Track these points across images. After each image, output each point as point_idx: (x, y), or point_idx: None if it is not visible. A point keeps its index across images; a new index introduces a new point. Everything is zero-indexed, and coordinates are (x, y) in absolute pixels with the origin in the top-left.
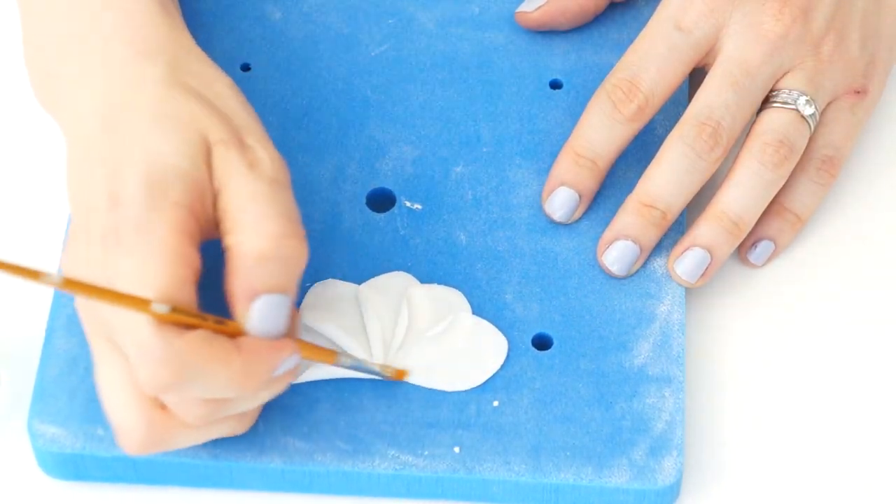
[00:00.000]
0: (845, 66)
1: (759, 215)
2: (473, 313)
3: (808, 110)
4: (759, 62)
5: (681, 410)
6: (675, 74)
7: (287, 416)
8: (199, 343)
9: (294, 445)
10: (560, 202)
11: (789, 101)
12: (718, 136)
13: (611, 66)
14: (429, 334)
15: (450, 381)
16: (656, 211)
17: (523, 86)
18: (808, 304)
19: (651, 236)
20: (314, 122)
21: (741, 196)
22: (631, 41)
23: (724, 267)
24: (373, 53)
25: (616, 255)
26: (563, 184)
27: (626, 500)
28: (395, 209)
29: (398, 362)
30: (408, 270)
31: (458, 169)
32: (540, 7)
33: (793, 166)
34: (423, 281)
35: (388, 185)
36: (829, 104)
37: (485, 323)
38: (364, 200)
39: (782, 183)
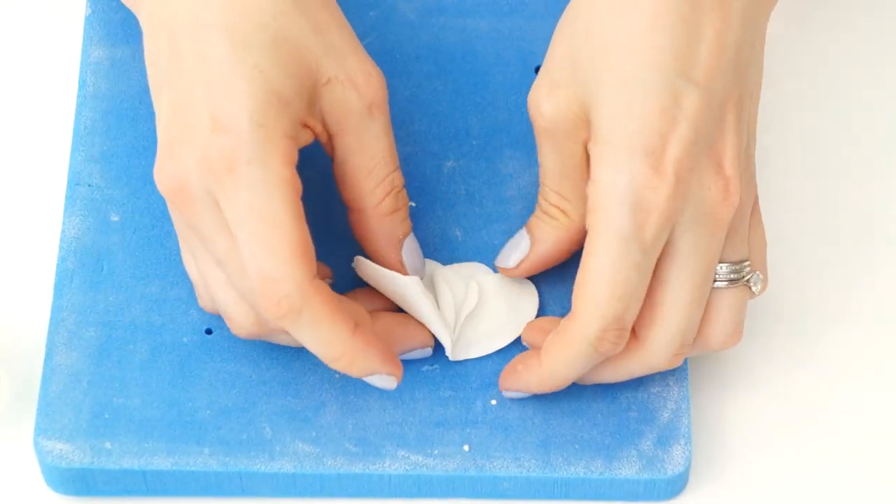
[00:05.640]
0: (751, 194)
1: None
2: None
3: (757, 287)
4: (714, 257)
5: (686, 399)
6: (646, 290)
7: (295, 420)
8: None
9: (303, 450)
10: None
11: (738, 278)
12: (686, 352)
13: None
14: (465, 313)
15: (498, 340)
16: None
17: (509, 73)
18: (811, 292)
19: None
20: None
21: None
22: None
23: None
24: None
25: None
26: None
27: (636, 490)
28: None
29: (460, 347)
30: None
31: (450, 164)
32: (521, 263)
33: None
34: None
35: None
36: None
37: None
38: None
39: None
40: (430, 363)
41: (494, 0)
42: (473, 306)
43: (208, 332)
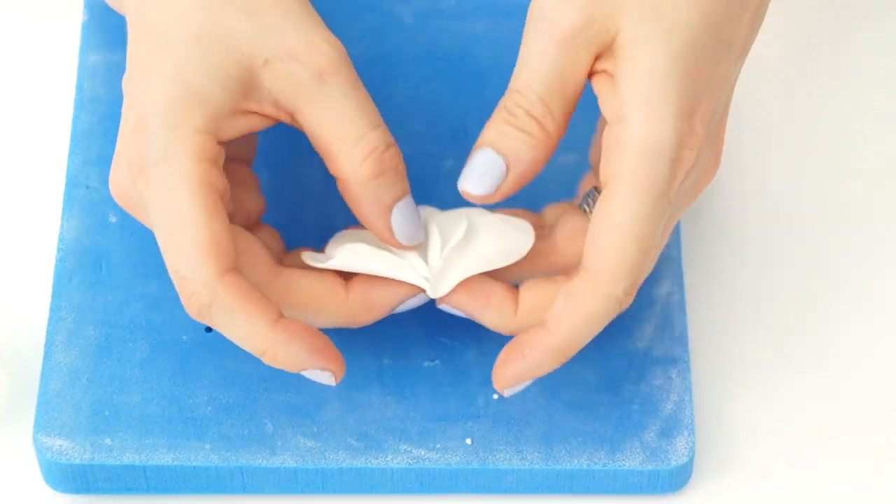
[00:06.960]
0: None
1: None
2: None
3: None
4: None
5: (688, 390)
6: None
7: (296, 415)
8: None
9: (305, 445)
10: None
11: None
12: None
13: None
14: (450, 245)
15: (481, 265)
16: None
17: (506, 75)
18: (815, 283)
19: None
20: None
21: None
22: None
23: (721, 247)
24: (353, 51)
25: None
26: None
27: (640, 482)
28: None
29: (443, 279)
30: None
31: (449, 164)
32: (499, 188)
33: None
34: None
35: None
36: None
37: (498, 215)
38: None
39: None
40: (430, 358)
41: (491, 3)
42: (459, 238)
43: (208, 330)
